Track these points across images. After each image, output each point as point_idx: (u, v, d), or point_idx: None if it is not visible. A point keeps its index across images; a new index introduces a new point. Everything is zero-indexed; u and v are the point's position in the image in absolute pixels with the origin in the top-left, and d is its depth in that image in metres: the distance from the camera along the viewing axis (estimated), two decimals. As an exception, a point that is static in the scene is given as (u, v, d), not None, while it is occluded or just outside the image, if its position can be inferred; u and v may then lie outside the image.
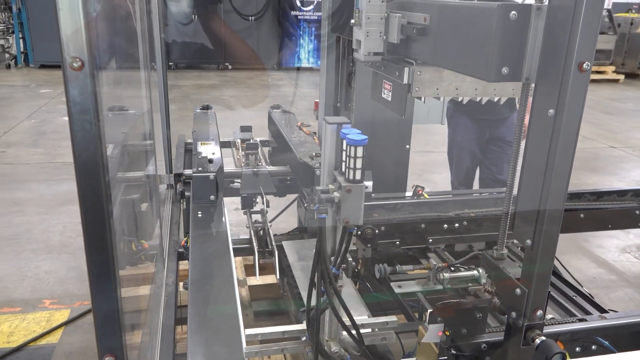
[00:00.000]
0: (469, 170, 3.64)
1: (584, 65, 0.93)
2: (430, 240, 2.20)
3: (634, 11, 14.77)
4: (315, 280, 1.14)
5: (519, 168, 1.15)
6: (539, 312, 1.10)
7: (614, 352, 1.41)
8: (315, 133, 2.80)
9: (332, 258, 1.15)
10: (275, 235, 2.36)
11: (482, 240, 2.31)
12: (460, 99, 1.52)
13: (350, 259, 1.15)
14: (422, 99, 1.47)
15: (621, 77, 13.22)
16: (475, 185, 3.74)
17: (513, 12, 0.99)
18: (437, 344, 1.37)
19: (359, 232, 2.12)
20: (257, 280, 2.55)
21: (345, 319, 1.22)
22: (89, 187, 0.81)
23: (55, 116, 7.88)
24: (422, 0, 1.38)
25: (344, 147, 1.07)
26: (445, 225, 2.21)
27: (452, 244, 2.30)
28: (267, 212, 2.36)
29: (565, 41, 0.94)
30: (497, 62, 1.03)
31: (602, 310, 1.90)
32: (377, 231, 2.12)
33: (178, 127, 7.97)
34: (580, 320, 1.53)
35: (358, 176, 1.06)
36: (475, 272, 1.94)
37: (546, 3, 1.00)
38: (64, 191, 5.09)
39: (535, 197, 1.04)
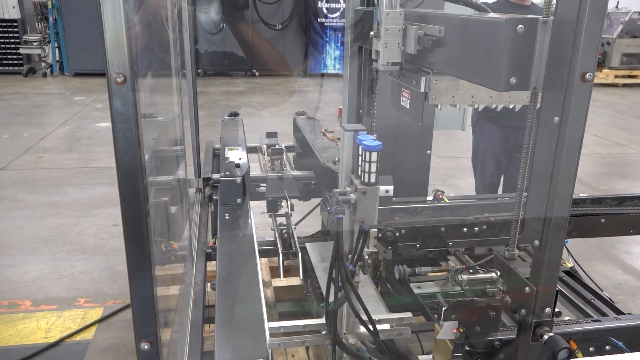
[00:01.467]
0: (494, 177, 3.66)
1: (587, 75, 0.99)
2: (450, 243, 2.26)
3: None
4: (333, 276, 1.22)
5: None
6: (548, 310, 1.15)
7: (627, 352, 1.45)
8: (339, 139, 2.88)
9: (350, 256, 1.22)
10: (299, 237, 2.44)
11: (501, 244, 2.35)
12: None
13: (366, 257, 1.22)
14: (439, 107, 1.53)
15: (654, 80, 12.95)
16: (500, 192, 3.77)
17: (520, 25, 1.06)
18: (451, 341, 1.43)
19: (380, 235, 2.19)
20: (281, 281, 2.63)
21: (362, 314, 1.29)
22: (129, 189, 0.91)
23: (89, 123, 8.15)
24: (437, 13, 1.45)
25: (360, 152, 1.15)
26: (465, 229, 2.26)
27: (472, 247, 2.35)
28: (291, 215, 2.44)
29: (569, 53, 1.00)
30: (506, 72, 1.09)
31: (620, 313, 1.93)
32: (397, 234, 2.19)
33: (206, 133, 8.16)
34: (595, 321, 1.57)
35: (373, 179, 1.13)
36: (493, 274, 1.99)
37: (550, 17, 1.06)
38: (97, 195, 5.28)
39: (543, 200, 1.09)
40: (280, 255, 2.24)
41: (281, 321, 1.35)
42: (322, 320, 1.35)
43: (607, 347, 1.51)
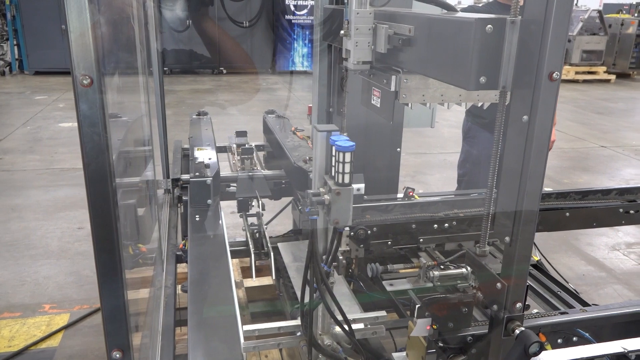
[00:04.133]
0: (481, 186, 3.56)
1: (554, 75, 1.01)
2: (421, 239, 2.28)
3: (624, 12, 14.94)
4: (308, 277, 1.22)
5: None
6: (519, 305, 1.17)
7: (593, 343, 1.49)
8: (309, 137, 2.87)
9: (324, 257, 1.22)
10: (270, 237, 2.43)
11: (471, 239, 2.39)
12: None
13: (340, 257, 1.22)
14: (410, 105, 1.54)
15: (612, 77, 13.37)
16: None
17: (489, 25, 1.07)
18: (425, 338, 1.44)
19: (352, 233, 2.19)
20: (253, 281, 2.61)
21: (337, 315, 1.29)
22: (97, 194, 0.88)
23: (51, 123, 7.92)
24: (406, 12, 1.45)
25: (333, 153, 1.15)
26: (435, 225, 2.28)
27: (443, 244, 2.38)
28: (262, 215, 2.42)
29: (537, 53, 1.01)
30: (476, 71, 1.10)
31: (585, 304, 1.98)
32: (369, 232, 2.20)
33: (174, 133, 8.03)
34: (562, 313, 1.61)
35: (347, 180, 1.13)
36: (464, 269, 2.01)
37: (518, 17, 1.07)
38: (61, 197, 5.14)
39: (513, 197, 1.11)
40: (252, 255, 2.22)
41: (255, 324, 1.34)
42: (297, 322, 1.34)
43: (574, 339, 1.55)
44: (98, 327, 3.32)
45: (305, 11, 12.94)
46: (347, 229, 2.20)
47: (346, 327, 1.23)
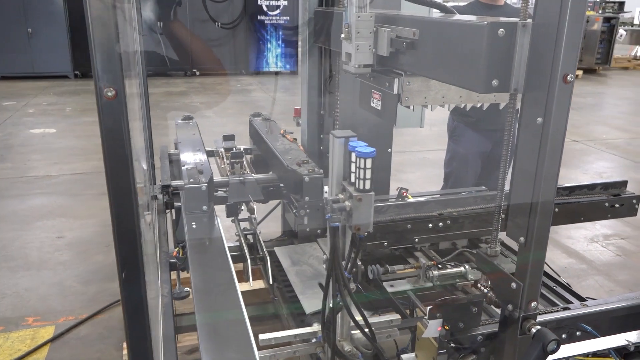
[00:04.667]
0: (468, 184, 3.61)
1: (568, 77, 1.03)
2: (417, 239, 2.29)
3: (589, 9, 15.32)
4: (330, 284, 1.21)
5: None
6: (534, 304, 1.19)
7: (597, 337, 1.52)
8: (295, 139, 2.86)
9: (343, 263, 1.21)
10: (264, 241, 2.41)
11: (464, 238, 2.42)
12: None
13: (359, 263, 1.22)
14: (412, 108, 1.55)
15: (580, 72, 13.70)
16: None
17: (501, 29, 1.08)
18: (436, 339, 1.45)
19: (349, 235, 2.19)
20: (248, 286, 2.59)
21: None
22: (122, 207, 0.86)
23: (22, 129, 7.71)
24: (408, 16, 1.46)
25: (353, 159, 1.14)
26: (430, 225, 2.30)
27: (437, 243, 2.40)
28: (255, 219, 2.41)
29: (550, 55, 1.03)
30: (487, 75, 1.11)
31: (580, 298, 2.03)
32: (365, 233, 2.20)
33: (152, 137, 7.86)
34: (564, 308, 1.64)
35: (367, 186, 1.13)
36: (462, 268, 2.04)
37: (529, 21, 1.09)
38: (37, 206, 5.01)
39: (527, 198, 1.13)
40: (249, 260, 2.20)
41: (271, 332, 1.33)
42: (313, 329, 1.34)
43: (577, 333, 1.58)
44: (85, 338, 3.25)
45: (277, 11, 12.89)
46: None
47: (367, 332, 1.23)
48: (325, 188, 2.26)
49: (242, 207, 2.86)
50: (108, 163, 0.84)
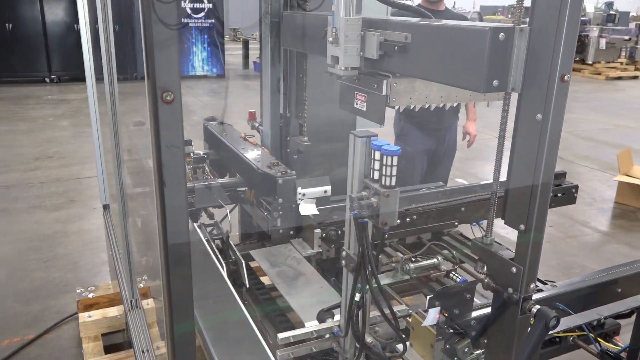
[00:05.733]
0: (415, 181, 3.78)
1: (565, 77, 1.13)
2: (386, 235, 2.37)
3: (499, 13, 16.33)
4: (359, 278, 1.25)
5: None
6: (532, 285, 1.29)
7: (570, 314, 1.66)
8: (257, 143, 2.86)
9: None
10: (236, 245, 2.40)
11: (428, 232, 2.54)
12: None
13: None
14: (398, 108, 1.62)
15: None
16: None
17: (502, 33, 1.17)
18: (433, 326, 1.53)
19: (324, 235, 2.24)
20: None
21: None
22: (173, 207, 0.86)
23: None
24: (399, 20, 1.53)
25: (378, 157, 1.19)
26: (398, 220, 2.39)
27: (404, 237, 2.50)
28: (228, 223, 2.39)
29: (549, 57, 1.13)
30: (489, 75, 1.20)
31: (541, 282, 2.19)
32: (339, 232, 2.26)
33: (79, 144, 7.53)
34: (539, 290, 1.78)
35: (393, 182, 1.18)
36: (434, 260, 2.14)
37: (525, 25, 1.19)
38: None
39: (527, 189, 1.23)
40: (224, 265, 2.19)
41: (289, 331, 1.35)
42: (329, 324, 1.37)
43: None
44: None
45: (202, 14, 12.69)
46: (319, 230, 2.25)
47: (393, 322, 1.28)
48: (299, 189, 2.30)
49: (201, 213, 2.83)
50: (166, 171, 0.84)
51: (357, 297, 1.29)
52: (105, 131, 3.20)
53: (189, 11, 12.52)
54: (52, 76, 12.16)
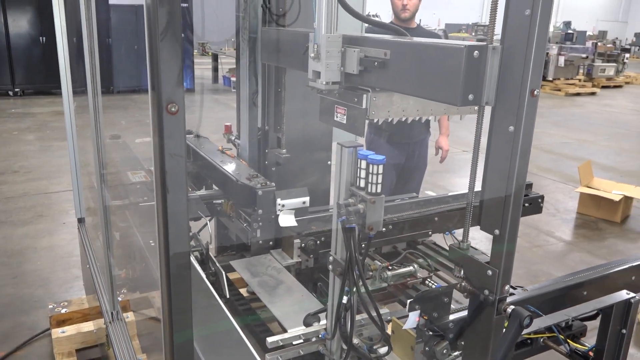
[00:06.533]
0: (384, 191, 3.88)
1: (535, 92, 1.23)
2: (363, 245, 2.44)
3: (464, 31, 16.81)
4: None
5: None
6: (507, 287, 1.37)
7: (541, 316, 1.75)
8: (235, 155, 2.90)
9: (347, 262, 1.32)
10: (215, 256, 2.43)
11: (404, 241, 2.62)
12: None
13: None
14: (377, 120, 1.70)
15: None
16: None
17: (476, 51, 1.26)
18: (413, 329, 1.59)
19: (303, 245, 2.29)
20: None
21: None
22: (175, 215, 0.90)
23: None
24: (377, 37, 1.62)
25: (364, 166, 1.25)
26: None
27: (380, 247, 2.57)
28: (208, 234, 2.42)
29: (520, 73, 1.22)
30: (464, 90, 1.29)
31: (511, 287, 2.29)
32: (318, 242, 2.31)
33: (45, 159, 7.38)
34: (511, 294, 1.86)
35: (379, 189, 1.25)
36: (411, 267, 2.22)
37: (497, 44, 1.28)
38: None
39: (500, 195, 1.31)
40: (224, 274, 2.22)
41: (278, 335, 1.39)
42: (316, 328, 1.41)
43: (524, 314, 1.80)
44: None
45: (171, 28, 12.65)
46: (298, 240, 2.30)
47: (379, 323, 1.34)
48: (278, 200, 2.35)
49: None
50: (166, 171, 0.88)
51: (345, 299, 1.35)
52: (81, 144, 3.19)
53: (158, 25, 12.47)
54: (16, 89, 11.91)
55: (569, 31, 17.99)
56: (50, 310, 3.19)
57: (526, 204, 2.94)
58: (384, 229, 2.48)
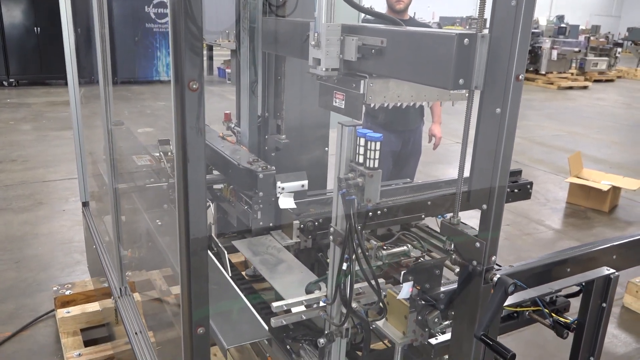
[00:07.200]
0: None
1: (520, 77, 1.33)
2: (359, 227, 2.55)
3: (458, 24, 16.92)
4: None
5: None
6: (494, 258, 1.49)
7: (525, 289, 1.87)
8: (235, 141, 3.00)
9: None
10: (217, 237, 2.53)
11: (398, 224, 2.73)
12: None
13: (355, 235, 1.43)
14: (373, 105, 1.81)
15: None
16: None
17: (466, 39, 1.37)
18: (407, 299, 1.71)
19: (302, 226, 2.40)
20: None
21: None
22: (195, 189, 1.00)
23: None
24: (374, 26, 1.72)
25: (363, 143, 1.36)
26: (370, 213, 2.57)
27: (375, 229, 2.68)
28: (210, 216, 2.51)
29: (506, 59, 1.33)
30: (455, 75, 1.39)
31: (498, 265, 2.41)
32: (316, 223, 2.42)
33: (42, 148, 7.44)
34: (497, 270, 1.98)
35: (376, 164, 1.36)
36: (404, 247, 2.33)
37: (486, 32, 1.39)
38: None
39: (488, 173, 1.42)
40: (226, 254, 2.32)
41: (282, 300, 1.50)
42: (318, 295, 1.53)
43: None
44: (14, 355, 3.08)
45: (166, 19, 12.67)
46: (297, 222, 2.41)
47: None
48: (278, 183, 2.46)
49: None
50: (187, 142, 0.98)
51: (345, 266, 1.45)
52: (86, 133, 3.28)
53: (152, 16, 12.50)
54: (11, 80, 11.90)
55: (562, 25, 18.14)
56: (54, 292, 3.29)
57: (515, 190, 3.06)
58: (379, 211, 2.63)
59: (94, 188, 3.33)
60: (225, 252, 2.35)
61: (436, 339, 1.84)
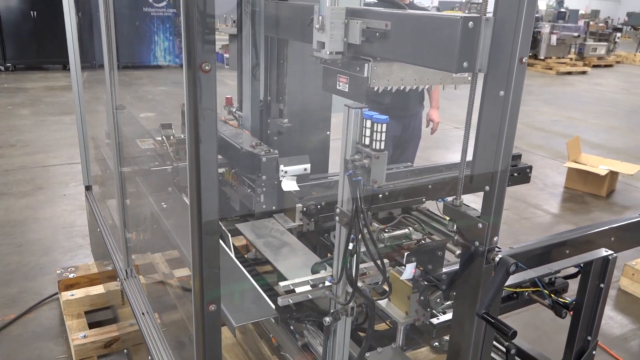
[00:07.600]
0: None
1: (523, 59, 1.35)
2: (366, 208, 2.58)
3: (457, 9, 16.82)
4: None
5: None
6: (495, 238, 1.52)
7: (525, 269, 1.90)
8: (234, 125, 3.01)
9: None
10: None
11: (399, 207, 2.76)
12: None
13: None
14: (376, 88, 1.82)
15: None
16: None
17: (471, 22, 1.38)
18: (409, 280, 1.74)
19: (305, 209, 2.42)
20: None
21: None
22: (206, 157, 1.03)
23: None
24: (378, 10, 1.73)
25: (369, 125, 1.38)
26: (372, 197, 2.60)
27: (377, 212, 2.71)
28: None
29: (510, 42, 1.34)
30: (460, 57, 1.41)
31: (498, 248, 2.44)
32: (319, 206, 2.45)
33: (41, 133, 7.43)
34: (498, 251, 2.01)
35: (382, 146, 1.38)
36: (406, 230, 2.36)
37: (490, 15, 1.40)
38: None
39: (491, 155, 1.44)
40: (229, 236, 2.34)
41: (288, 280, 1.53)
42: (323, 274, 1.55)
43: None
44: (19, 338, 3.12)
45: (164, 3, 12.58)
46: (300, 205, 2.43)
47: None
48: (281, 166, 2.48)
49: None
50: (199, 123, 1.00)
51: (350, 246, 1.48)
52: (87, 118, 3.29)
53: (150, 0, 12.39)
54: (7, 64, 11.83)
55: (562, 10, 18.05)
56: (58, 275, 3.32)
57: (515, 174, 3.08)
58: (380, 195, 2.65)
59: (96, 172, 3.35)
60: (229, 234, 2.38)
61: (438, 318, 1.89)
